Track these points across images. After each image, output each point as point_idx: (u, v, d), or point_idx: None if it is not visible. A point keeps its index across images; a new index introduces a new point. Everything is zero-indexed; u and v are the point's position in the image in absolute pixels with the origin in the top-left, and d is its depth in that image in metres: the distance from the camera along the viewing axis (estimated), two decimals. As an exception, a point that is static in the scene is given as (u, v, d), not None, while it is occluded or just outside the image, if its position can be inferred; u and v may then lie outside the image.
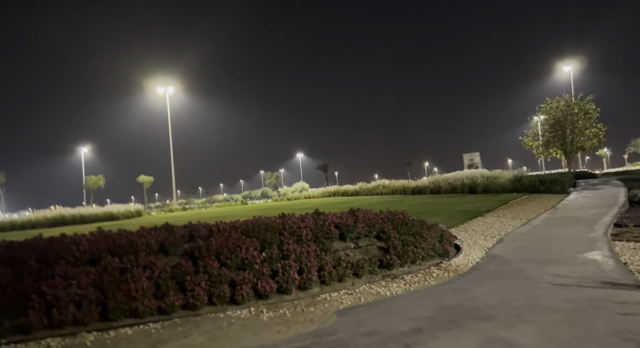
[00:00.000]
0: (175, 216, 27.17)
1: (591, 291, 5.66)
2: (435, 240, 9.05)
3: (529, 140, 37.90)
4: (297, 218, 8.68)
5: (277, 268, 6.51)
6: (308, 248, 7.15)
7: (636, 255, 7.89)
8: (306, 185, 60.44)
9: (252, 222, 8.15)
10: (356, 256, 7.89)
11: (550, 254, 8.16)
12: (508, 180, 24.73)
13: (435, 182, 29.22)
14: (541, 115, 36.92)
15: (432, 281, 7.03)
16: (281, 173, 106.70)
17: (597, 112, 34.23)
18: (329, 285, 6.81)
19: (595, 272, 6.65)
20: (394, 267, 7.83)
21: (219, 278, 6.07)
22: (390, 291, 6.54)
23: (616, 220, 11.75)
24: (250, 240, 7.13)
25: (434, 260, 8.50)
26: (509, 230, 11.50)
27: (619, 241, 9.25)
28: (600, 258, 7.54)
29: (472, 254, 8.91)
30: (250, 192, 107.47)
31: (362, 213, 9.40)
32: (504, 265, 7.68)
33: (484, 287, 6.32)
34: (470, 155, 49.88)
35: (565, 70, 44.08)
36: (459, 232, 11.61)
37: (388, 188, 32.46)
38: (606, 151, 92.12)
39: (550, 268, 7.04)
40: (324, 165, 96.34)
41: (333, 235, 8.15)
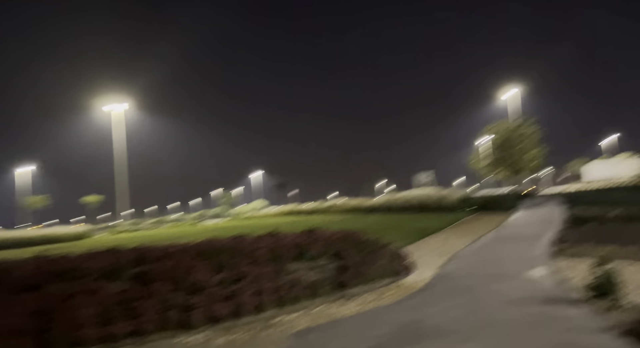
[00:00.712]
0: (126, 237, 26.02)
1: (534, 307, 5.96)
2: (389, 259, 9.21)
3: (476, 160, 39.79)
4: (253, 239, 8.58)
5: (232, 291, 6.38)
6: (264, 269, 7.08)
7: (574, 271, 8.40)
8: (263, 204, 59.86)
9: (205, 243, 7.97)
10: (313, 276, 7.88)
11: (497, 271, 8.53)
12: (457, 200, 25.71)
13: (389, 201, 29.88)
14: (488, 136, 38.93)
15: (386, 300, 7.14)
16: (237, 191, 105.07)
17: (539, 134, 36.58)
18: (284, 306, 6.75)
19: (537, 288, 7.01)
20: (349, 286, 7.88)
21: (171, 303, 5.86)
22: (346, 311, 6.59)
23: (556, 237, 12.48)
24: (204, 262, 6.97)
25: (388, 279, 8.64)
26: (458, 248, 11.92)
27: (559, 258, 9.81)
28: (542, 274, 7.97)
29: (424, 272, 9.15)
30: (204, 211, 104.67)
31: (318, 233, 9.43)
32: (453, 282, 7.93)
33: (435, 305, 6.50)
34: (423, 174, 51.44)
35: (510, 95, 46.93)
36: (412, 251, 11.88)
37: (343, 207, 32.82)
38: (547, 171, 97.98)
39: (496, 285, 7.35)
40: (282, 184, 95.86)
41: (289, 255, 8.10)
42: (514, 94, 46.07)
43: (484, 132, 39.16)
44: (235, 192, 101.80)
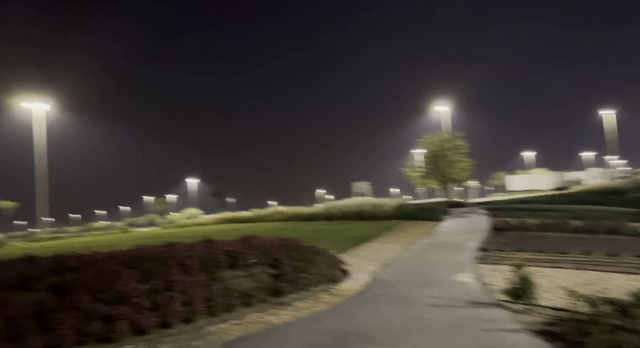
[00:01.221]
0: (43, 246, 23.98)
1: (459, 310, 6.26)
2: (325, 266, 9.29)
3: (410, 171, 41.37)
4: (185, 246, 8.28)
5: (160, 301, 6.09)
6: (196, 278, 6.84)
7: (495, 276, 8.95)
8: (198, 212, 57.97)
9: (133, 251, 7.58)
10: (247, 284, 7.74)
11: (427, 277, 8.87)
12: (392, 208, 26.47)
13: (328, 209, 30.11)
14: (420, 148, 40.69)
15: (321, 306, 7.17)
16: (170, 199, 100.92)
17: (466, 148, 38.83)
18: (217, 316, 6.55)
19: (463, 292, 7.38)
20: (285, 294, 7.83)
21: (91, 314, 5.48)
22: (280, 319, 6.52)
23: (481, 245, 13.25)
24: (131, 271, 6.60)
25: (324, 286, 8.69)
26: (392, 254, 12.27)
27: (482, 264, 10.42)
28: (467, 279, 8.41)
29: (359, 279, 9.31)
30: (135, 219, 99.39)
31: (254, 241, 9.31)
32: (386, 288, 8.14)
33: (369, 310, 6.62)
34: (360, 183, 52.60)
35: (441, 110, 49.51)
36: (347, 258, 12.05)
37: (283, 215, 32.59)
38: (474, 183, 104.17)
39: (426, 290, 7.65)
40: (217, 191, 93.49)
41: (223, 263, 7.91)
42: (444, 109, 48.73)
43: (417, 144, 40.94)
44: (168, 199, 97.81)
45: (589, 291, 7.24)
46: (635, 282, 7.84)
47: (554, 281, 8.22)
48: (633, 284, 7.69)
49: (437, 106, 49.97)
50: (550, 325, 5.48)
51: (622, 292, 7.06)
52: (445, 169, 38.30)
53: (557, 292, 7.36)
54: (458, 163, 38.41)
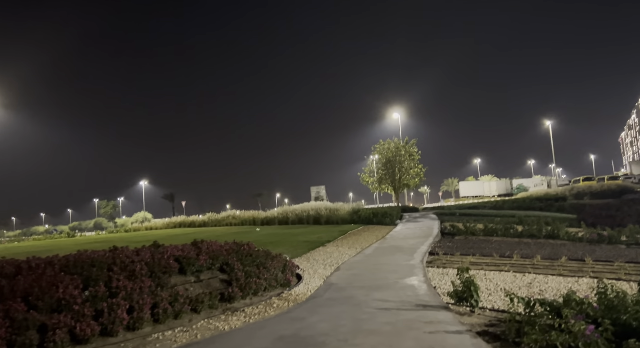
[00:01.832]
0: (-24, 250, 22.33)
1: (407, 313, 6.42)
2: (278, 270, 9.24)
3: (365, 176, 42.14)
4: (132, 251, 7.99)
5: (103, 308, 5.84)
6: (142, 284, 6.61)
7: (443, 279, 9.26)
8: (149, 215, 56.07)
9: (75, 256, 7.22)
10: (196, 290, 7.57)
11: (378, 280, 9.03)
12: (348, 212, 26.80)
13: (284, 213, 30.02)
14: (375, 154, 41.56)
15: (272, 312, 7.12)
16: (120, 202, 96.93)
17: (419, 155, 40.11)
18: (163, 323, 6.36)
19: (412, 295, 7.57)
20: (236, 299, 7.73)
21: (25, 323, 5.17)
22: (229, 325, 6.42)
23: (431, 249, 13.67)
24: (71, 277, 6.29)
25: (276, 291, 8.65)
26: (345, 258, 12.40)
27: (431, 267, 10.74)
28: (417, 283, 8.63)
29: (312, 283, 9.33)
30: (80, 223, 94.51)
31: (205, 245, 9.12)
32: (338, 292, 8.21)
33: (319, 314, 6.65)
34: (317, 188, 52.82)
35: (395, 117, 50.80)
36: (301, 262, 12.07)
37: (238, 219, 32.13)
38: (426, 188, 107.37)
39: (376, 294, 7.78)
40: (170, 195, 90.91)
41: (172, 269, 7.69)
42: (399, 116, 50.02)
43: (373, 151, 41.75)
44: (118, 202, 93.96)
45: (528, 293, 7.66)
46: (569, 284, 8.36)
47: (497, 284, 8.61)
48: (568, 286, 8.20)
49: (393, 113, 51.20)
50: (491, 326, 5.73)
51: (557, 294, 7.51)
52: (398, 174, 39.30)
53: (500, 294, 7.72)
54: (410, 169, 39.53)
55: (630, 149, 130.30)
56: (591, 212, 22.75)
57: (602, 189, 37.89)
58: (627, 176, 56.21)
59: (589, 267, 9.85)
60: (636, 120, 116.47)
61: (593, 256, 11.05)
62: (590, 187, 39.82)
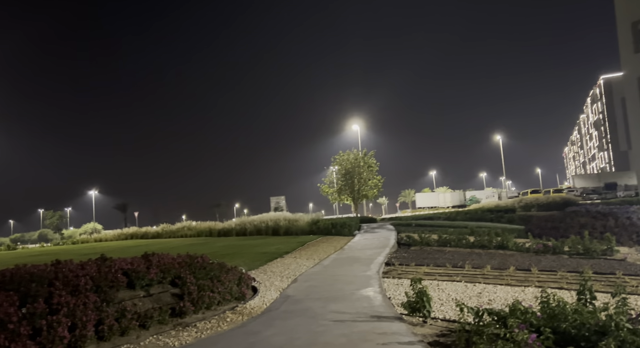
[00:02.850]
0: None
1: (362, 325, 6.44)
2: (233, 283, 9.05)
3: (325, 187, 42.30)
4: (76, 265, 7.58)
5: (41, 326, 5.49)
6: (86, 299, 6.27)
7: (398, 290, 9.39)
8: (99, 227, 53.65)
9: (12, 271, 6.76)
10: (146, 305, 7.28)
11: (334, 292, 9.03)
12: (307, 223, 26.75)
13: (242, 224, 29.56)
14: (335, 165, 41.90)
15: (225, 326, 6.95)
16: (67, 212, 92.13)
17: (377, 166, 40.79)
18: (108, 340, 6.06)
19: (367, 306, 7.62)
20: (188, 314, 7.49)
21: (-48, 346, 4.77)
22: (179, 341, 6.20)
23: (387, 259, 13.84)
24: (7, 293, 5.88)
25: (230, 304, 8.46)
26: (303, 270, 12.33)
27: (387, 278, 10.87)
28: (372, 294, 8.70)
29: (268, 295, 9.20)
30: (23, 235, 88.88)
31: (156, 258, 8.80)
32: (294, 304, 8.14)
33: (274, 327, 6.55)
34: (277, 198, 52.63)
35: (354, 129, 51.62)
36: (258, 274, 11.89)
37: (194, 230, 31.31)
38: (384, 199, 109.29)
39: (332, 306, 7.77)
40: (122, 205, 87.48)
41: (120, 283, 7.36)
42: (357, 128, 50.88)
43: (332, 161, 42.10)
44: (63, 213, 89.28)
45: (478, 303, 7.89)
46: (516, 294, 8.69)
47: (449, 294, 8.83)
48: (515, 295, 8.52)
49: (352, 125, 51.99)
50: (442, 336, 5.85)
51: (505, 303, 7.78)
52: (357, 185, 39.75)
53: (451, 304, 7.91)
54: (369, 180, 40.10)
55: (573, 163, 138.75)
56: (538, 223, 23.87)
57: (547, 201, 39.88)
58: (570, 189, 59.56)
59: (535, 276, 10.30)
60: (577, 136, 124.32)
61: (539, 266, 11.56)
62: (537, 199, 41.81)
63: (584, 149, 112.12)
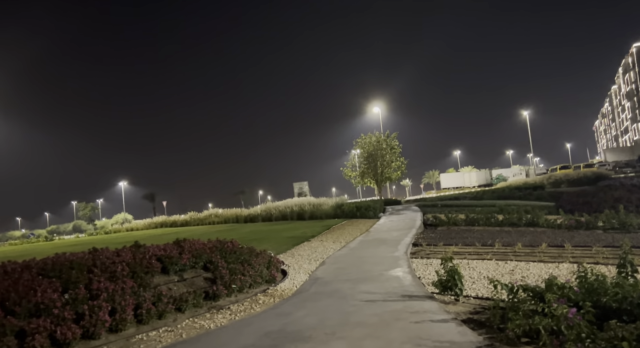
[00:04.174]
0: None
1: (393, 304, 6.45)
2: (263, 266, 9.19)
3: (348, 170, 42.15)
4: (112, 252, 7.82)
5: (84, 311, 5.70)
6: (123, 285, 6.48)
7: (427, 270, 9.34)
8: (129, 217, 55.12)
9: (52, 259, 7.03)
10: (180, 289, 7.47)
11: (363, 273, 9.06)
12: (331, 207, 26.81)
13: (267, 209, 29.85)
14: (357, 149, 41.62)
15: (257, 308, 7.07)
16: (99, 203, 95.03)
17: (400, 148, 40.32)
18: (147, 323, 6.25)
19: (397, 286, 7.61)
20: (221, 297, 7.65)
21: (2, 329, 5.01)
22: (214, 323, 6.34)
23: (414, 240, 13.77)
24: (50, 280, 6.12)
25: (261, 287, 8.60)
26: (330, 253, 12.40)
27: (415, 258, 10.82)
28: (402, 274, 8.69)
29: (297, 278, 9.30)
30: (58, 226, 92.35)
31: (188, 244, 8.99)
32: (324, 286, 8.20)
33: (305, 309, 6.63)
34: (300, 184, 52.71)
35: (376, 111, 51.01)
36: (286, 258, 12.03)
37: (221, 217, 31.84)
38: (408, 181, 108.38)
39: (362, 286, 7.80)
40: (151, 195, 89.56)
41: (154, 269, 7.57)
42: (380, 110, 50.26)
43: (355, 145, 41.84)
44: (95, 204, 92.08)
45: (511, 280, 7.77)
46: (550, 270, 8.53)
47: (480, 272, 8.73)
48: (549, 272, 8.36)
49: (374, 108, 51.38)
50: (476, 314, 5.80)
51: (539, 280, 7.65)
52: (380, 168, 39.47)
53: (483, 282, 7.82)
54: (392, 162, 39.74)
55: (604, 136, 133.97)
56: (569, 199, 23.24)
57: (578, 177, 38.76)
58: (601, 163, 57.69)
59: (569, 252, 10.07)
60: (609, 108, 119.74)
61: (572, 242, 11.29)
62: (567, 175, 40.68)
63: (616, 122, 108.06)
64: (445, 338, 4.78)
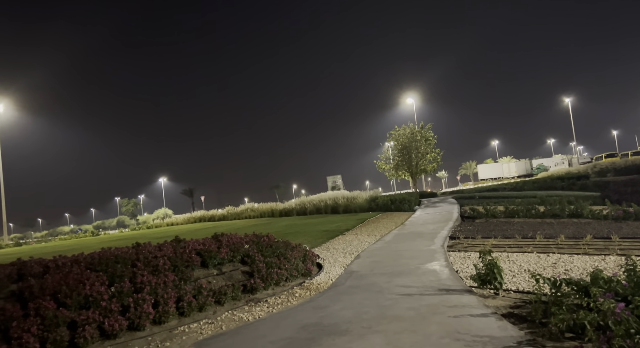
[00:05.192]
0: (5, 253, 23.05)
1: (430, 298, 6.38)
2: (298, 260, 9.29)
3: (382, 163, 41.77)
4: (154, 247, 8.11)
5: (129, 303, 5.96)
6: (165, 278, 6.71)
7: (465, 263, 9.16)
8: (169, 212, 56.86)
9: (99, 254, 7.36)
10: (219, 283, 7.66)
11: (399, 267, 8.99)
12: (365, 200, 26.71)
13: (301, 203, 30.11)
14: (391, 141, 41.15)
15: (294, 301, 7.16)
16: (140, 199, 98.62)
17: (435, 139, 39.55)
18: (188, 316, 6.46)
19: (434, 280, 7.52)
20: (258, 290, 7.79)
21: (55, 320, 5.30)
22: (253, 316, 6.48)
23: (451, 233, 13.53)
24: (97, 274, 6.42)
25: (298, 280, 8.70)
26: (365, 246, 12.38)
27: (453, 252, 10.64)
28: (438, 268, 8.57)
29: (332, 271, 9.35)
30: (103, 222, 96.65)
31: (226, 238, 9.20)
32: (359, 280, 8.21)
33: (342, 302, 6.66)
34: (333, 177, 52.72)
35: (409, 102, 50.26)
36: (321, 251, 12.10)
37: (256, 212, 32.38)
38: (444, 173, 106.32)
39: (398, 280, 7.75)
40: (189, 190, 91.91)
41: (194, 262, 7.80)
42: (413, 101, 49.46)
43: (388, 137, 41.39)
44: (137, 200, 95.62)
45: (553, 273, 7.52)
46: (595, 263, 8.18)
47: (520, 265, 8.48)
48: (594, 265, 8.03)
49: (407, 99, 50.61)
50: (517, 308, 5.65)
51: (583, 273, 7.36)
52: (415, 160, 38.91)
53: (524, 275, 7.60)
54: (427, 154, 39.08)
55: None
56: (615, 188, 22.18)
57: (626, 165, 36.84)
58: (652, 151, 54.56)
59: (616, 244, 9.62)
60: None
61: (619, 233, 10.79)
62: (614, 164, 38.77)
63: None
64: (485, 333, 4.69)
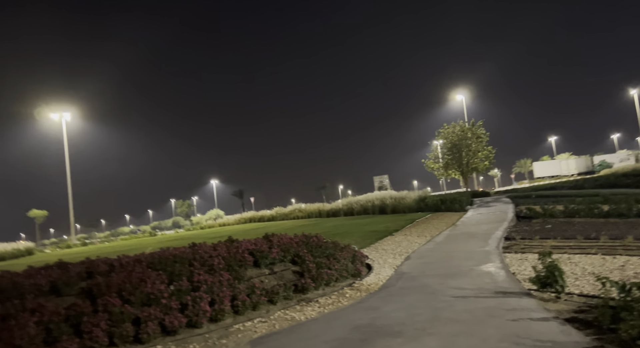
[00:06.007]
0: (73, 252, 24.73)
1: (486, 301, 6.17)
2: (348, 261, 9.29)
3: (430, 162, 40.88)
4: (209, 247, 8.40)
5: (187, 301, 6.21)
6: (220, 277, 6.94)
7: (522, 265, 8.79)
8: (221, 213, 58.72)
9: (158, 253, 7.72)
10: (271, 282, 7.81)
11: (452, 268, 8.77)
12: (414, 200, 26.25)
13: (348, 204, 30.07)
14: (440, 139, 40.19)
15: (345, 302, 7.17)
16: (194, 201, 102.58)
17: (487, 136, 38.19)
18: (242, 314, 6.64)
19: (490, 282, 7.27)
20: (309, 290, 7.87)
21: (121, 316, 5.62)
22: (305, 315, 6.55)
23: (506, 234, 13.01)
24: (157, 273, 6.74)
25: (347, 281, 8.70)
26: (415, 247, 12.17)
27: (508, 253, 10.23)
28: (494, 269, 8.27)
29: (382, 272, 9.27)
30: (160, 223, 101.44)
31: (276, 238, 9.37)
32: (411, 281, 8.09)
33: (393, 303, 6.59)
34: (380, 177, 52.28)
35: (459, 99, 48.85)
36: (370, 252, 12.03)
37: (304, 212, 32.71)
38: (497, 171, 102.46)
39: (451, 282, 7.56)
40: (239, 191, 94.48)
41: (247, 262, 8.00)
42: (463, 98, 48.03)
43: (437, 135, 40.45)
44: (191, 202, 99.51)
45: (621, 276, 7.05)
46: (669, 266, 7.58)
47: (583, 268, 8.02)
48: (667, 268, 7.44)
49: (456, 95, 49.26)
50: (581, 313, 5.35)
51: (655, 277, 6.84)
52: (466, 158, 37.77)
53: (587, 278, 7.18)
54: (479, 152, 37.81)
55: None
56: (690, 186, 20.41)
57: (702, 160, 33.87)
58: None
59: (693, 246, 8.87)
60: None
61: (696, 234, 9.92)
62: (687, 159, 35.70)
63: None
64: (547, 338, 4.47)
